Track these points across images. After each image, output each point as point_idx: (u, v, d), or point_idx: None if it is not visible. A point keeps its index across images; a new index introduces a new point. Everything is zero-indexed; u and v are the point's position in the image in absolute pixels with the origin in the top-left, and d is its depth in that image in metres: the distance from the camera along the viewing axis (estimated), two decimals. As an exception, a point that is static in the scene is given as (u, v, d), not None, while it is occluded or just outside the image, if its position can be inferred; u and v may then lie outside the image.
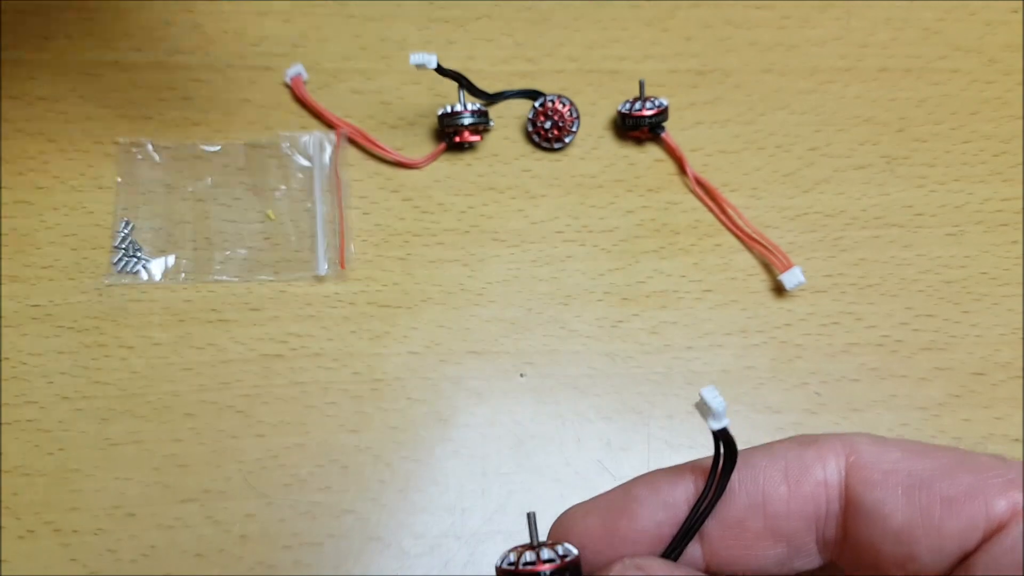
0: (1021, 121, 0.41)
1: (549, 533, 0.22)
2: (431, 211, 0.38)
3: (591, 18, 0.41)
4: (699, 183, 0.38)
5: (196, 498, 0.33)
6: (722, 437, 0.20)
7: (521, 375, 0.35)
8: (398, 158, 0.38)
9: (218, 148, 0.38)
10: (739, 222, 0.38)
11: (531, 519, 0.22)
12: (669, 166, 0.39)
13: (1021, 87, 0.41)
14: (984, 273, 0.38)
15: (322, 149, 0.38)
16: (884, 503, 0.20)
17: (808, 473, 0.21)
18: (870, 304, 0.37)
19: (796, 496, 0.21)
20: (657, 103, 0.38)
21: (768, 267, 0.37)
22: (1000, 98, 0.41)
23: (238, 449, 0.33)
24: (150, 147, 0.37)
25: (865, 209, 0.39)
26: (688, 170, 0.38)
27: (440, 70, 0.36)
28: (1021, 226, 0.39)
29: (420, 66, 0.35)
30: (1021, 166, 0.40)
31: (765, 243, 0.37)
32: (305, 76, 0.39)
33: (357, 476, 0.33)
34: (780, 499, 0.21)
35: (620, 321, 0.36)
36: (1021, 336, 0.37)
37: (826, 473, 0.20)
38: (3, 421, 0.33)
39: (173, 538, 0.32)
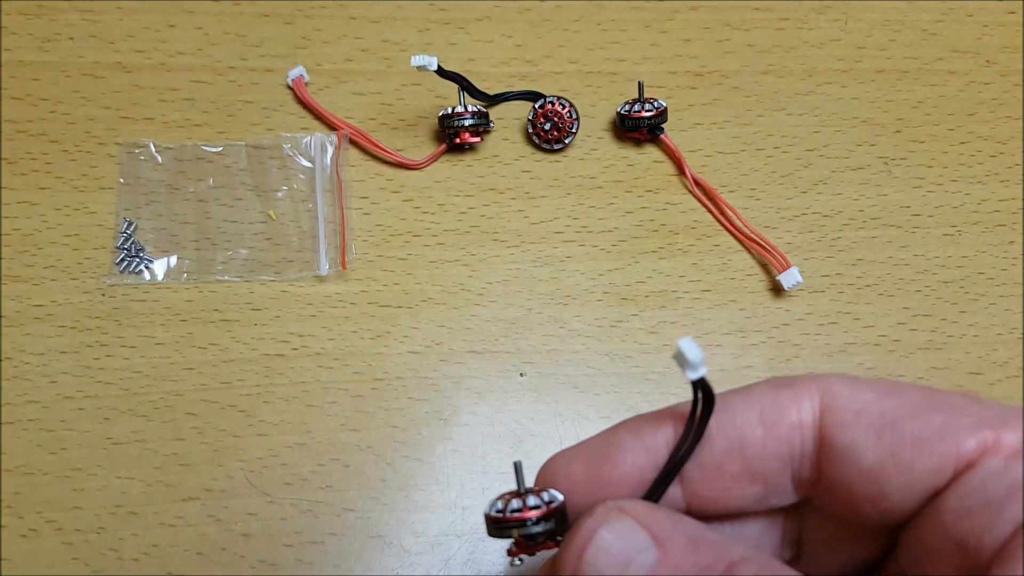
0: (1018, 122, 0.41)
1: (536, 480, 0.23)
2: (432, 211, 0.38)
3: (591, 20, 0.42)
4: (698, 184, 0.39)
5: (198, 497, 0.33)
6: (700, 386, 0.20)
7: (521, 375, 0.35)
8: (399, 159, 0.38)
9: (220, 149, 0.38)
10: (737, 223, 0.38)
11: (517, 468, 0.22)
12: (668, 167, 0.39)
13: (1018, 88, 0.41)
14: (981, 273, 0.38)
15: (323, 150, 0.38)
16: (856, 443, 0.20)
17: (783, 415, 0.21)
18: (867, 304, 0.37)
19: (771, 438, 0.21)
20: (656, 104, 0.38)
21: (766, 267, 0.38)
22: (997, 99, 0.41)
23: (240, 448, 0.33)
24: (152, 148, 0.38)
25: (863, 210, 0.39)
26: (687, 171, 0.38)
27: (441, 72, 0.37)
28: (1018, 226, 0.39)
29: (421, 68, 0.35)
30: (1018, 167, 0.40)
31: (763, 243, 0.37)
32: (307, 78, 0.39)
33: (358, 475, 0.33)
34: (756, 441, 0.21)
35: (619, 321, 0.36)
36: (1018, 336, 0.37)
37: (801, 415, 0.21)
38: (5, 420, 0.33)
39: (175, 537, 0.32)
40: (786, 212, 0.39)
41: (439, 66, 0.36)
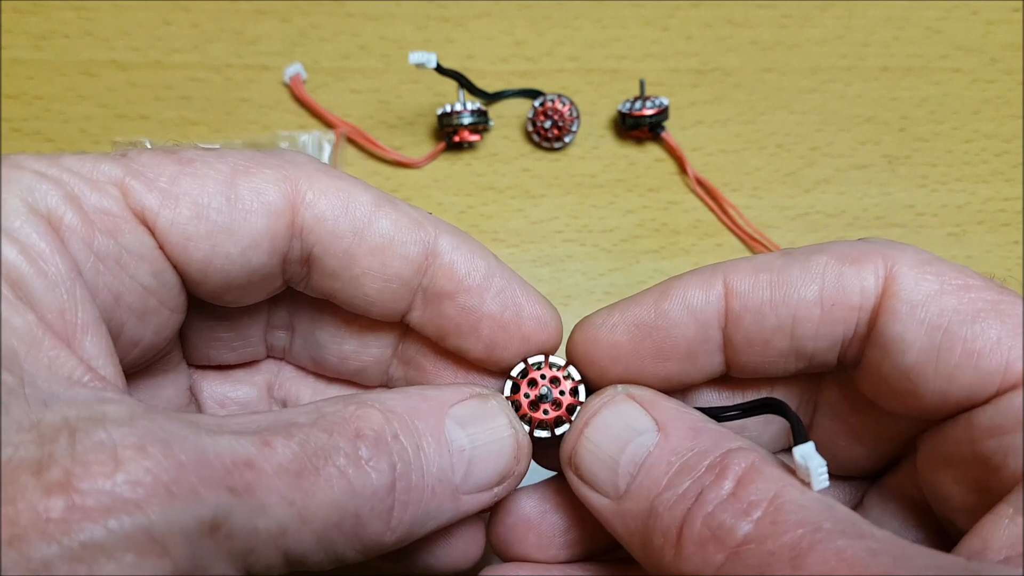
0: (1022, 120, 0.40)
1: (571, 341, 0.23)
2: (430, 211, 0.37)
3: (591, 17, 0.41)
4: (699, 183, 0.38)
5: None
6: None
7: (521, 375, 0.35)
8: (397, 157, 0.38)
9: (217, 147, 0.37)
10: (740, 222, 0.37)
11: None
12: (669, 165, 0.39)
13: (1022, 86, 0.41)
14: (986, 273, 0.37)
15: (321, 148, 0.38)
16: (902, 337, 0.19)
17: (844, 296, 0.20)
18: (871, 304, 0.37)
19: (827, 320, 0.20)
20: (657, 102, 0.38)
21: (769, 267, 0.37)
22: (1001, 97, 0.41)
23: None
24: (148, 146, 0.37)
25: (867, 209, 0.38)
26: (688, 170, 0.38)
27: (439, 69, 0.36)
28: (1022, 226, 0.38)
29: (419, 65, 0.35)
30: (1022, 166, 0.39)
31: (766, 243, 0.37)
32: (304, 75, 0.39)
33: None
34: (811, 322, 0.20)
35: (620, 321, 0.36)
36: None
37: (862, 298, 0.20)
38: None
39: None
40: (789, 211, 0.38)
41: (438, 63, 0.36)
